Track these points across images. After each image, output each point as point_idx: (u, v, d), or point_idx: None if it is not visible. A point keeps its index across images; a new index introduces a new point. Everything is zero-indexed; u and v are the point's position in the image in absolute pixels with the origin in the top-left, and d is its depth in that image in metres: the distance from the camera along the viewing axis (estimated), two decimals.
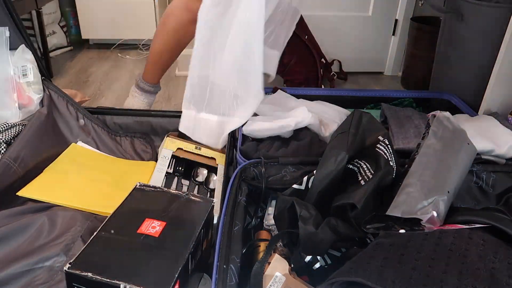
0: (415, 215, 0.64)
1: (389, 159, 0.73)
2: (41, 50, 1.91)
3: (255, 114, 1.11)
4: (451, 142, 0.76)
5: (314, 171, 0.76)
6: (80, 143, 1.10)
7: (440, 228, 0.64)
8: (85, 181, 0.97)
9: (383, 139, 0.76)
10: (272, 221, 0.78)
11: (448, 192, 0.68)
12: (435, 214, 0.64)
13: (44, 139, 1.00)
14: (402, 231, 0.63)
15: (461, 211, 0.70)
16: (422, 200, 0.65)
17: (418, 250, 0.56)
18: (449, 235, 0.58)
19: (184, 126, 1.07)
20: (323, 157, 0.76)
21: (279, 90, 1.40)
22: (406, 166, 0.77)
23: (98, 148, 1.12)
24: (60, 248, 0.75)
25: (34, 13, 1.83)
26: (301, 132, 1.05)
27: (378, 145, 0.75)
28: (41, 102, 1.08)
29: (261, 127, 1.04)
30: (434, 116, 0.81)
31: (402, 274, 0.52)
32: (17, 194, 0.87)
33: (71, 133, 1.11)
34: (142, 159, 1.12)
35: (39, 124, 1.00)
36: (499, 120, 1.13)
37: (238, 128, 1.09)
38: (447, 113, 0.82)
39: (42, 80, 1.10)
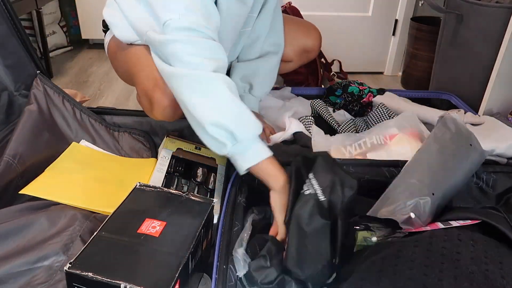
0: (393, 217, 0.64)
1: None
2: (41, 50, 1.90)
3: None
4: (450, 144, 0.75)
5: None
6: (83, 142, 1.10)
7: (419, 229, 0.63)
8: (87, 180, 0.97)
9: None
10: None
11: (433, 194, 0.67)
12: (412, 215, 0.63)
13: (41, 135, 1.00)
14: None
15: (455, 210, 0.70)
16: (403, 201, 0.65)
17: (411, 258, 0.55)
18: (439, 238, 0.58)
19: None
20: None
21: (284, 86, 1.43)
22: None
23: (95, 143, 1.12)
24: (59, 247, 0.75)
25: (34, 13, 1.83)
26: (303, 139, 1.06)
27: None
28: (29, 99, 1.05)
29: None
30: (442, 117, 0.81)
31: (399, 285, 0.52)
32: (20, 192, 0.87)
33: (69, 128, 1.10)
34: (140, 157, 1.12)
35: (32, 120, 0.99)
36: (499, 120, 1.13)
37: None
38: (455, 114, 0.81)
39: (38, 74, 1.08)
